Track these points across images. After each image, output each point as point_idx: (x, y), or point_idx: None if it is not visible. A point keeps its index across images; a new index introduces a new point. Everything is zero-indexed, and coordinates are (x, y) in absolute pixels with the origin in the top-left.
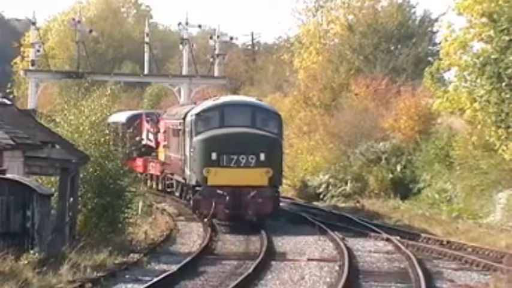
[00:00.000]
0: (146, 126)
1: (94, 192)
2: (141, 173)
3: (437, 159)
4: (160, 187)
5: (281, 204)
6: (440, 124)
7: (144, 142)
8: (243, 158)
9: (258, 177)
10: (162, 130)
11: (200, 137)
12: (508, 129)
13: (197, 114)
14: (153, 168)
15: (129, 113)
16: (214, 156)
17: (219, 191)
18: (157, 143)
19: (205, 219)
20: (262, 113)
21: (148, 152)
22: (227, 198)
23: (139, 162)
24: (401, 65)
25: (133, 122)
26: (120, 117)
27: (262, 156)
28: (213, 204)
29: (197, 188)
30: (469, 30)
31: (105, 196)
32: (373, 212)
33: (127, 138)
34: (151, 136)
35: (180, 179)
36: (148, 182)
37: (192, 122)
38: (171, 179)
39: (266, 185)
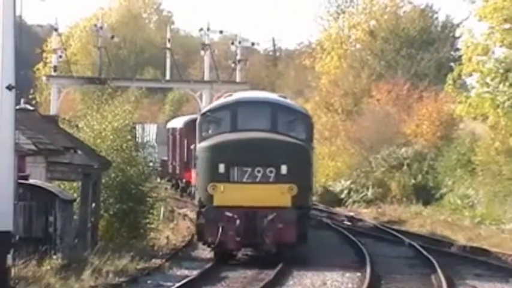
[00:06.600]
0: None
1: (116, 198)
2: (195, 185)
3: (460, 164)
4: None
5: None
6: (462, 130)
7: None
8: (259, 171)
9: (278, 195)
10: None
11: (205, 143)
12: None
13: (203, 115)
14: None
15: (186, 118)
16: (222, 168)
17: (228, 213)
18: None
19: (210, 249)
20: (286, 113)
21: None
22: (238, 222)
23: (193, 173)
24: (423, 70)
25: (191, 127)
26: (178, 122)
27: (283, 169)
28: (220, 229)
29: (202, 209)
30: (490, 36)
31: (127, 201)
32: (395, 217)
33: (184, 145)
34: None
35: None
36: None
37: (197, 125)
38: None
39: (288, 205)
